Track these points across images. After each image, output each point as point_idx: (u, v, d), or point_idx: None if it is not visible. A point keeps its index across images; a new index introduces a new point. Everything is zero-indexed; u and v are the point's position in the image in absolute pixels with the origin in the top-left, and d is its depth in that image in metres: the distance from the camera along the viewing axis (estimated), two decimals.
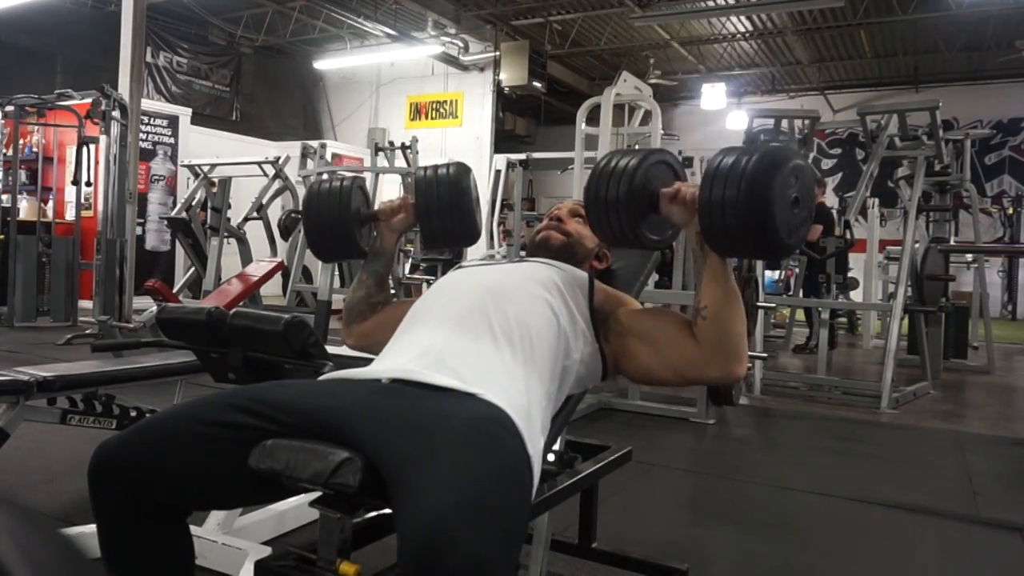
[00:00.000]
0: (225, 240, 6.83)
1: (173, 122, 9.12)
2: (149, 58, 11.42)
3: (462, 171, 1.58)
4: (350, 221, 1.58)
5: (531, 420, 1.17)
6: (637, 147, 6.12)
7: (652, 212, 1.32)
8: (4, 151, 7.32)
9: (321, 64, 12.84)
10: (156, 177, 8.91)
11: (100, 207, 6.19)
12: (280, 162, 7.25)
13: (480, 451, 1.01)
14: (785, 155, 1.23)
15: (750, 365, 4.45)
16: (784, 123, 6.24)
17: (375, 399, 1.14)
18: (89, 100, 6.23)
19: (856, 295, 8.62)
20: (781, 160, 1.21)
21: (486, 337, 1.26)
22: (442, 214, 1.56)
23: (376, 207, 1.65)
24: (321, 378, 1.33)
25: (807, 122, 6.22)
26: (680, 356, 1.32)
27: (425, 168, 1.62)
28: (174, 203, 8.61)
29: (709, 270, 1.29)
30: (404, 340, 1.34)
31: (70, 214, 7.43)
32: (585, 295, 1.40)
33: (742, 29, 11.38)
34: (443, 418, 1.06)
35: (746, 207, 1.17)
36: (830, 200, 10.41)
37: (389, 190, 9.71)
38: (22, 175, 7.35)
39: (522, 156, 8.36)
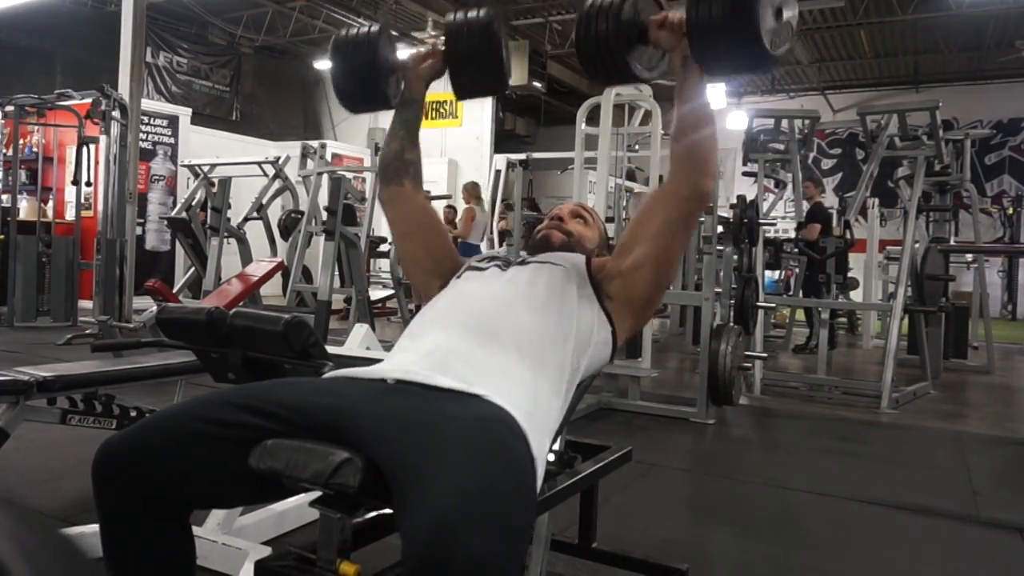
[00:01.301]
0: (225, 240, 6.82)
1: (173, 122, 9.12)
2: (149, 58, 11.42)
3: (493, 16, 1.55)
4: (378, 69, 1.56)
5: (536, 421, 1.17)
6: (637, 147, 6.13)
7: (641, 44, 1.37)
8: (4, 151, 7.32)
9: (321, 64, 12.83)
10: (156, 177, 8.91)
11: (100, 207, 6.19)
12: (280, 162, 7.25)
13: (485, 451, 1.01)
14: None
15: (750, 365, 4.46)
16: (784, 123, 6.24)
17: (379, 399, 1.14)
18: (89, 100, 6.24)
19: (856, 295, 8.62)
20: None
21: (494, 341, 1.27)
22: (471, 60, 1.54)
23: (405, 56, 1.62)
24: (324, 376, 1.33)
25: (807, 122, 6.22)
26: (657, 212, 1.40)
27: (455, 12, 1.58)
28: (174, 203, 8.61)
29: (686, 91, 1.35)
30: (413, 341, 1.34)
31: (70, 214, 7.43)
32: (585, 275, 1.44)
33: None
34: (448, 419, 1.06)
35: (733, 19, 1.22)
36: (830, 200, 10.41)
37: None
38: (22, 175, 7.35)
39: (522, 156, 8.35)
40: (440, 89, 1.68)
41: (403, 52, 1.65)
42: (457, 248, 1.71)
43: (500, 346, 1.26)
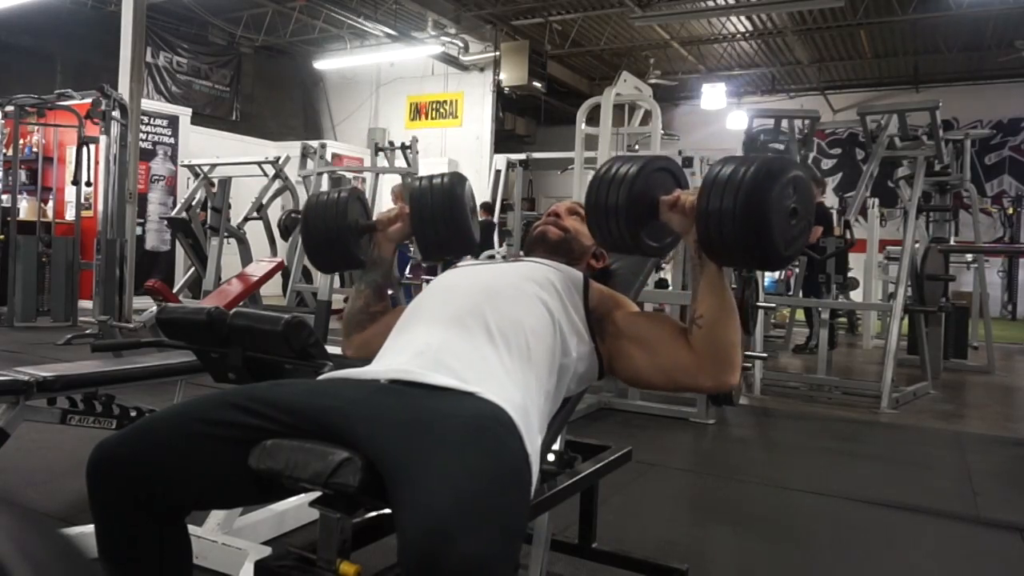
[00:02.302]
0: (225, 240, 6.82)
1: (173, 122, 9.12)
2: (149, 58, 11.42)
3: (456, 180, 1.58)
4: (348, 233, 1.58)
5: (529, 418, 1.17)
6: (637, 147, 6.13)
7: (652, 219, 1.33)
8: (4, 151, 7.32)
9: (321, 64, 12.84)
10: (156, 177, 8.91)
11: (100, 207, 6.19)
12: (280, 162, 7.25)
13: (479, 450, 1.01)
14: (783, 166, 1.23)
15: (750, 365, 4.46)
16: (784, 123, 6.23)
17: (374, 399, 1.14)
18: (89, 100, 6.23)
19: (856, 295, 8.62)
20: (778, 171, 1.21)
21: (483, 336, 1.27)
22: (436, 224, 1.56)
23: (374, 218, 1.65)
24: (320, 378, 1.33)
25: (807, 122, 6.22)
26: (673, 362, 1.33)
27: (420, 178, 1.62)
28: (174, 203, 8.61)
29: (707, 279, 1.30)
30: (401, 340, 1.34)
31: (70, 214, 7.43)
32: (580, 294, 1.41)
33: (742, 29, 11.38)
34: (442, 417, 1.06)
35: (743, 218, 1.17)
36: (830, 200, 10.42)
37: (389, 190, 9.70)
38: (22, 175, 7.35)
39: (522, 156, 8.36)
40: (440, 89, 1.69)
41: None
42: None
43: (490, 339, 1.26)
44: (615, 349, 1.39)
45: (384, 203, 9.71)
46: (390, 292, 1.65)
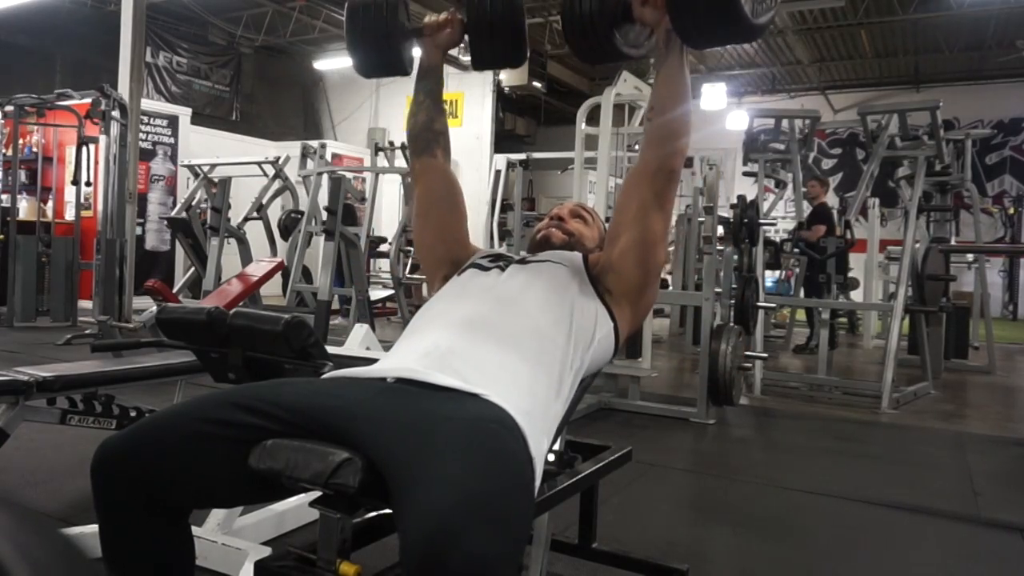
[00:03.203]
0: (225, 240, 6.82)
1: (173, 122, 9.12)
2: (149, 58, 11.42)
3: None
4: (395, 34, 1.54)
5: (535, 421, 1.17)
6: (637, 147, 6.12)
7: (626, 22, 1.37)
8: (4, 151, 7.32)
9: (321, 64, 12.84)
10: (156, 177, 8.91)
11: (100, 207, 6.19)
12: (280, 162, 7.25)
13: (483, 451, 1.01)
14: None
15: (750, 365, 4.46)
16: (784, 123, 6.23)
17: (378, 399, 1.14)
18: (89, 100, 6.23)
19: (856, 295, 8.62)
20: None
21: (492, 340, 1.27)
22: (492, 30, 1.52)
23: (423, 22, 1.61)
24: (324, 376, 1.33)
25: (807, 122, 6.22)
26: (632, 194, 1.40)
27: None
28: (174, 203, 8.61)
29: (665, 70, 1.36)
30: (411, 341, 1.34)
31: (70, 214, 7.43)
32: (584, 273, 1.44)
33: None
34: (446, 418, 1.06)
35: None
36: (831, 200, 10.41)
37: (389, 190, 9.71)
38: (22, 175, 7.35)
39: (522, 156, 8.36)
40: None
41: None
42: None
43: (499, 345, 1.26)
44: (617, 274, 1.42)
45: (385, 203, 9.71)
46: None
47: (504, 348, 1.26)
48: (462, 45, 1.61)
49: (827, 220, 6.40)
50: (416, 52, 1.65)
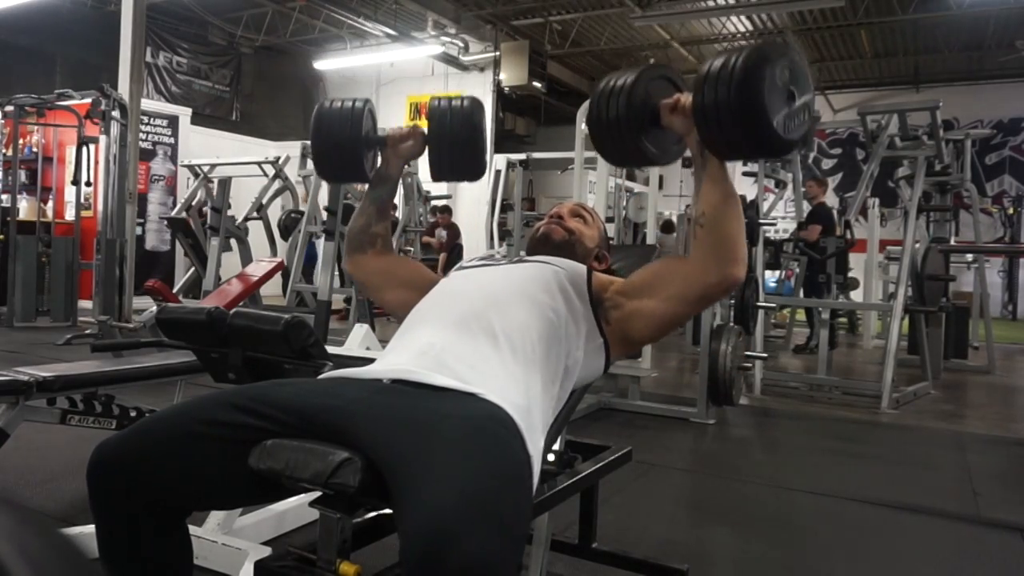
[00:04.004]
0: (226, 240, 6.82)
1: (173, 122, 9.12)
2: (149, 58, 11.43)
3: (476, 106, 1.58)
4: (359, 143, 1.57)
5: (531, 419, 1.17)
6: None
7: (654, 127, 1.33)
8: (4, 151, 7.32)
9: (321, 64, 12.84)
10: (156, 177, 8.91)
11: (100, 207, 6.19)
12: (280, 162, 7.25)
13: (481, 450, 1.01)
14: (774, 49, 1.22)
15: (750, 365, 4.46)
16: None
17: (376, 399, 1.14)
18: (89, 100, 6.23)
19: (856, 295, 8.62)
20: (770, 54, 1.20)
21: (486, 338, 1.27)
22: (452, 146, 1.56)
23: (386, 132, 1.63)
24: (321, 377, 1.33)
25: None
26: (679, 281, 1.34)
27: (439, 99, 1.60)
28: (174, 203, 8.61)
29: (709, 176, 1.30)
30: (405, 340, 1.34)
31: (70, 214, 7.43)
32: (584, 285, 1.42)
33: (742, 29, 11.38)
34: (443, 418, 1.06)
35: (738, 105, 1.18)
36: (831, 200, 10.41)
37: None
38: (22, 175, 7.35)
39: (522, 156, 8.36)
40: (440, 89, 1.70)
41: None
42: None
43: (494, 342, 1.26)
44: (624, 319, 1.40)
45: None
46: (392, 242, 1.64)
47: (499, 345, 1.26)
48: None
49: (825, 220, 6.40)
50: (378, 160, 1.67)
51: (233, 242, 6.93)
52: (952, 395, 5.34)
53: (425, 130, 1.60)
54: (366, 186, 1.66)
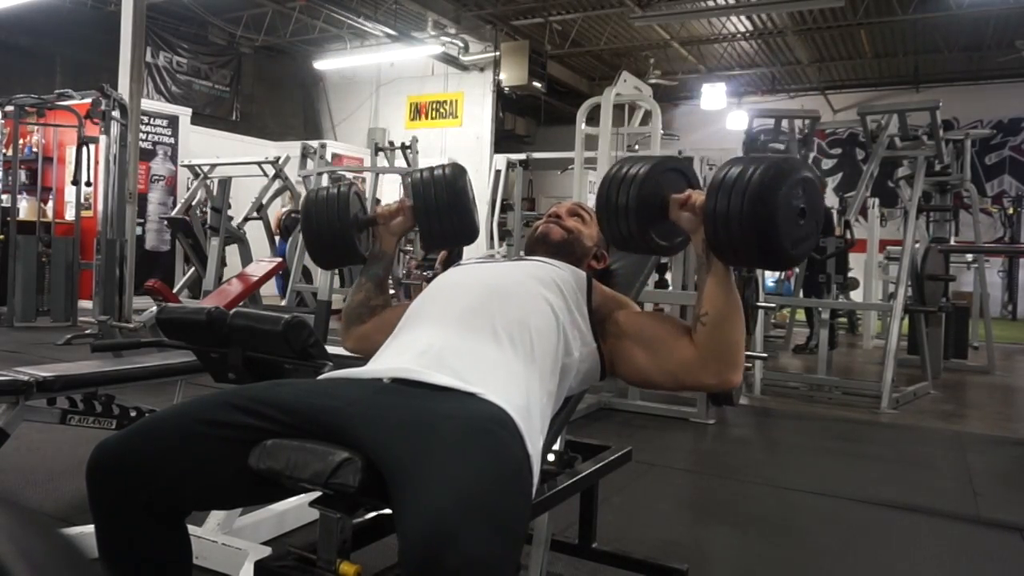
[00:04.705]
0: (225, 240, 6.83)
1: (173, 122, 9.12)
2: (149, 58, 11.42)
3: (458, 172, 1.60)
4: (349, 228, 1.59)
5: (531, 419, 1.17)
6: (637, 147, 6.13)
7: (662, 218, 1.33)
8: (4, 151, 7.32)
9: (321, 64, 12.84)
10: (156, 177, 8.91)
11: (100, 207, 6.19)
12: (280, 162, 7.26)
13: (480, 451, 1.01)
14: (792, 167, 1.22)
15: (749, 365, 4.46)
16: (784, 123, 6.23)
17: (376, 399, 1.14)
18: (89, 100, 6.23)
19: (856, 295, 8.62)
20: (788, 171, 1.20)
21: (487, 336, 1.26)
22: (440, 214, 1.58)
23: (375, 212, 1.66)
24: (321, 377, 1.33)
25: (807, 122, 6.21)
26: (677, 361, 1.33)
27: (421, 171, 1.63)
28: (174, 203, 8.61)
29: (714, 278, 1.29)
30: (404, 339, 1.34)
31: (70, 214, 7.43)
32: (584, 294, 1.41)
33: (742, 29, 11.38)
34: (443, 418, 1.06)
35: (750, 218, 1.17)
36: (830, 200, 10.42)
37: (389, 190, 9.71)
38: (22, 175, 7.34)
39: (522, 156, 8.36)
40: (440, 89, 1.70)
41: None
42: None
43: (494, 341, 1.26)
44: (617, 349, 1.40)
45: (386, 201, 9.71)
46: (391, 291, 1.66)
47: (498, 345, 1.25)
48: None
49: (825, 220, 6.39)
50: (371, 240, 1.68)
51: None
52: (952, 395, 5.34)
53: (411, 204, 1.61)
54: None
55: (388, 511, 1.14)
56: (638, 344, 1.38)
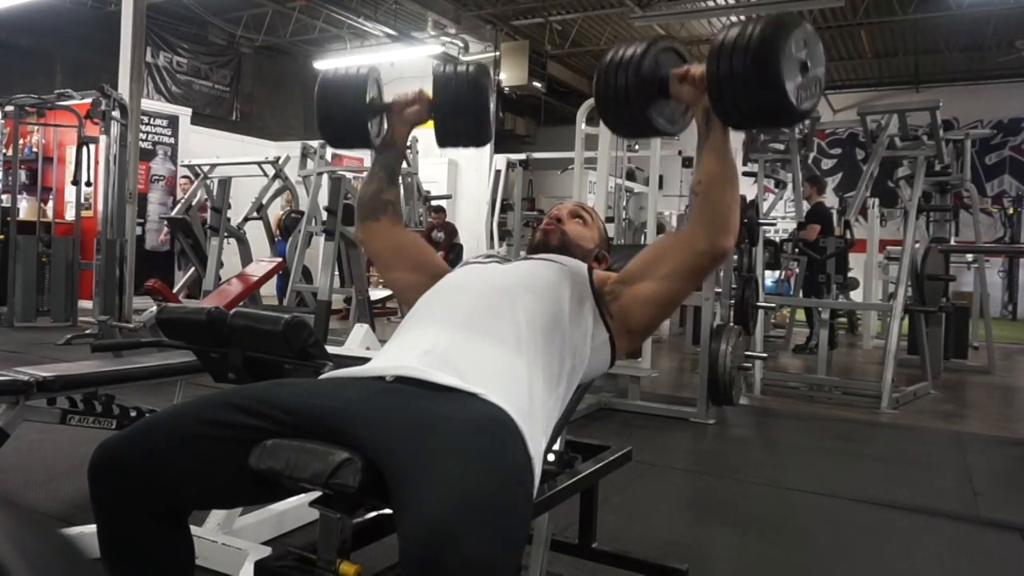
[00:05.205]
0: (225, 240, 6.82)
1: (173, 122, 9.12)
2: (149, 58, 11.42)
3: (482, 71, 1.57)
4: (363, 109, 1.57)
5: (533, 421, 1.17)
6: (637, 147, 6.12)
7: (662, 97, 1.34)
8: (4, 151, 7.32)
9: (321, 64, 12.81)
10: (156, 177, 8.91)
11: (100, 207, 6.19)
12: (280, 162, 7.25)
13: (482, 452, 1.01)
14: (792, 20, 1.23)
15: (750, 365, 4.46)
16: None
17: (377, 399, 1.14)
18: (89, 100, 6.23)
19: (856, 295, 8.62)
20: (788, 24, 1.21)
21: (491, 337, 1.27)
22: (457, 112, 1.55)
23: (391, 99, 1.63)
24: (323, 376, 1.33)
25: (807, 122, 6.21)
26: (670, 257, 1.38)
27: (444, 63, 1.59)
28: (174, 203, 8.61)
29: (710, 145, 1.32)
30: (408, 337, 1.34)
31: (70, 214, 7.43)
32: (587, 283, 1.43)
33: None
34: (445, 419, 1.06)
35: (754, 73, 1.18)
36: (830, 200, 10.41)
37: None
38: (22, 175, 7.34)
39: (522, 156, 8.36)
40: None
41: (389, 94, 1.65)
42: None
43: (498, 343, 1.26)
44: (625, 308, 1.41)
45: None
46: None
47: (503, 346, 1.25)
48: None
49: (823, 220, 6.39)
50: (383, 127, 1.66)
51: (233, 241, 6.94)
52: (952, 395, 5.33)
53: (431, 95, 1.58)
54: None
55: (388, 511, 1.14)
56: (637, 281, 1.40)
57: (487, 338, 1.26)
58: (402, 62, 12.66)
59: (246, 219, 7.36)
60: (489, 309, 1.31)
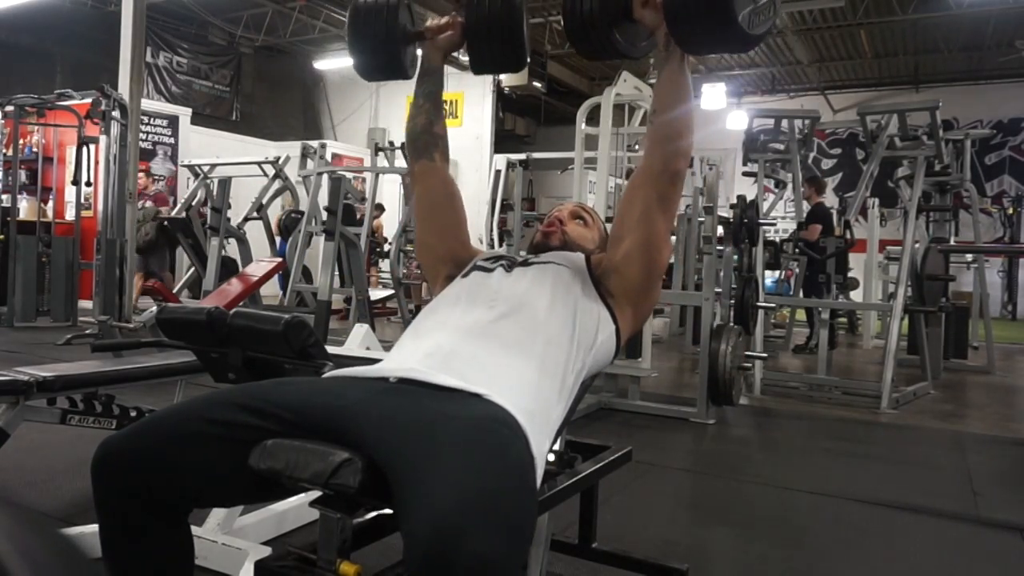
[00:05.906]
0: (225, 240, 6.83)
1: (173, 122, 9.13)
2: (149, 58, 11.42)
3: None
4: (397, 38, 1.55)
5: (537, 422, 1.17)
6: (637, 147, 6.12)
7: (626, 20, 1.39)
8: (4, 151, 7.32)
9: (321, 64, 12.84)
10: (156, 177, 8.91)
11: (100, 207, 6.19)
12: (280, 162, 7.26)
13: (485, 451, 1.01)
14: None
15: (750, 365, 4.46)
16: (784, 123, 6.23)
17: (379, 399, 1.14)
18: (89, 100, 6.23)
19: (856, 295, 8.62)
20: None
21: (496, 342, 1.27)
22: (491, 34, 1.53)
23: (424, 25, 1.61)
24: (325, 376, 1.33)
25: (807, 122, 6.22)
26: (636, 195, 1.41)
27: None
28: (174, 203, 8.61)
29: (667, 72, 1.39)
30: (413, 341, 1.34)
31: (70, 214, 7.43)
32: (586, 275, 1.44)
33: None
34: (448, 419, 1.06)
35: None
36: (830, 200, 10.41)
37: (389, 190, 9.71)
38: (22, 175, 7.35)
39: (522, 156, 8.37)
40: None
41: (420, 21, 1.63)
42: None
43: (504, 347, 1.26)
44: (620, 279, 1.43)
45: (385, 203, 9.71)
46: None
47: (509, 351, 1.26)
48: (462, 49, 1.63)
49: (823, 220, 6.40)
50: (418, 55, 1.65)
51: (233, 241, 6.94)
52: (952, 395, 5.34)
53: (463, 20, 1.56)
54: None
55: (388, 511, 1.15)
56: (618, 242, 1.43)
57: (492, 344, 1.27)
58: None
59: (246, 219, 7.37)
60: (495, 319, 1.31)
